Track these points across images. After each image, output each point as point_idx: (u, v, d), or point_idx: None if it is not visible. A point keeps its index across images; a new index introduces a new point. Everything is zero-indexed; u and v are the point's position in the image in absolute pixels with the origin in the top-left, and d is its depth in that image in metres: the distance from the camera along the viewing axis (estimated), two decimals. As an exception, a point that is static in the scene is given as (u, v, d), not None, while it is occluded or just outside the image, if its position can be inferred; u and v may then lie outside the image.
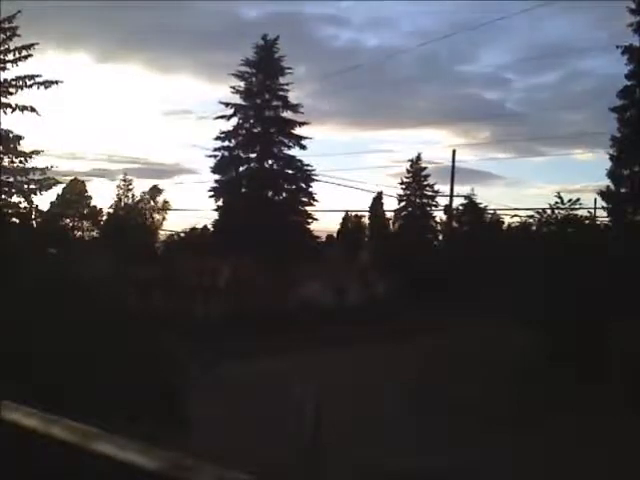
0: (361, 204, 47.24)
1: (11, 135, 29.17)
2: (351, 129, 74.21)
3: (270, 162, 36.89)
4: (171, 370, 9.55)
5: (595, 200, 31.81)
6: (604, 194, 30.09)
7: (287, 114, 37.14)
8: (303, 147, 36.90)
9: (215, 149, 36.91)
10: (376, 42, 75.32)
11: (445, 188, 54.22)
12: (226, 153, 36.86)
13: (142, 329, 9.92)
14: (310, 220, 37.95)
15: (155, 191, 47.41)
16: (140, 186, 48.59)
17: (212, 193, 37.05)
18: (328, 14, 77.42)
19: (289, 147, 37.06)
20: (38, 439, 1.68)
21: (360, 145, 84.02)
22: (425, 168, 45.31)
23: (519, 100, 70.12)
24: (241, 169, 37.18)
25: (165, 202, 48.02)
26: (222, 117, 36.93)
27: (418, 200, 45.25)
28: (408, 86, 66.31)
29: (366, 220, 50.43)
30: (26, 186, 30.09)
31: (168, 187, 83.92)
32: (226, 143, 36.90)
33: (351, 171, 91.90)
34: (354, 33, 72.24)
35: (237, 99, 37.03)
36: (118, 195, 47.33)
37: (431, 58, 66.20)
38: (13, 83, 28.33)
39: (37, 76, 28.54)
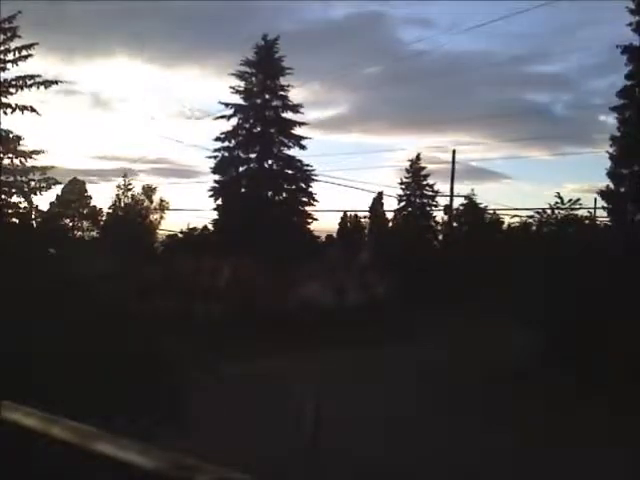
0: (368, 204, 48.03)
1: (11, 135, 29.19)
2: (390, 130, 74.63)
3: (270, 162, 36.90)
4: (171, 370, 9.54)
5: (595, 200, 31.86)
6: (604, 194, 30.10)
7: (287, 114, 37.18)
8: (303, 147, 36.92)
9: (215, 149, 36.95)
10: (449, 44, 75.61)
11: (464, 187, 54.44)
12: (226, 153, 36.86)
13: (142, 329, 9.92)
14: (310, 220, 37.97)
15: (149, 190, 47.49)
16: (164, 187, 48.95)
17: (212, 193, 37.09)
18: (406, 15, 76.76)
19: (289, 147, 37.08)
20: (38, 439, 1.68)
21: (391, 146, 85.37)
22: (424, 168, 45.29)
23: (568, 103, 68.09)
24: (241, 169, 37.19)
25: (162, 201, 48.13)
26: (222, 117, 36.96)
27: (418, 200, 45.24)
28: (459, 88, 66.15)
29: (366, 220, 50.51)
30: (26, 186, 30.09)
31: (187, 187, 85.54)
32: (226, 143, 36.91)
33: (375, 170, 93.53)
34: (432, 35, 72.22)
35: (237, 99, 37.08)
36: (117, 195, 47.46)
37: (492, 60, 64.90)
38: (13, 83, 28.35)
39: (37, 76, 28.58)
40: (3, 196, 29.11)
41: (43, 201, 47.36)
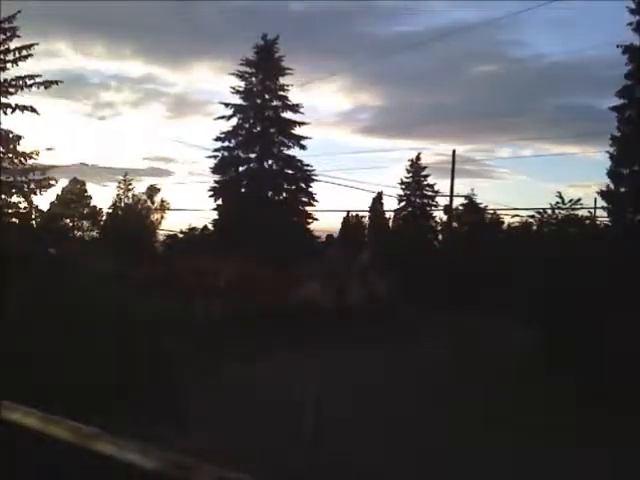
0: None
1: (11, 135, 29.20)
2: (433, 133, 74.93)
3: (270, 162, 36.90)
4: (171, 370, 9.54)
5: (595, 200, 31.84)
6: (604, 194, 30.09)
7: (287, 114, 37.20)
8: (303, 147, 36.94)
9: (215, 149, 36.96)
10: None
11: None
12: (226, 153, 36.87)
13: (142, 329, 9.92)
14: (310, 220, 37.97)
15: (152, 190, 47.50)
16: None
17: (212, 193, 37.10)
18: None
19: (289, 147, 37.09)
20: (38, 439, 1.68)
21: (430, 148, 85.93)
22: (425, 167, 45.24)
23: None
24: (241, 169, 37.19)
25: (163, 201, 48.14)
26: (222, 117, 36.98)
27: (418, 200, 45.19)
28: (526, 95, 65.94)
29: (366, 220, 50.52)
30: (26, 186, 30.11)
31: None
32: (226, 143, 36.92)
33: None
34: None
35: (237, 99, 37.09)
36: (118, 195, 47.46)
37: (569, 66, 63.68)
38: (13, 83, 28.36)
39: (37, 76, 28.61)
40: (3, 196, 29.12)
41: (43, 201, 47.35)
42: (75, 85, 71.05)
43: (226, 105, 36.81)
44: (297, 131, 37.11)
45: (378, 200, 47.63)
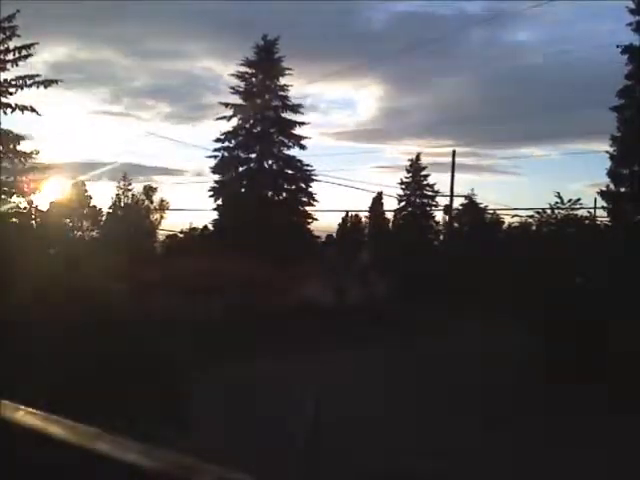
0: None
1: (11, 135, 29.17)
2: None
3: (270, 162, 36.90)
4: (171, 371, 9.54)
5: (595, 200, 31.84)
6: (604, 193, 30.09)
7: (287, 114, 37.17)
8: (303, 147, 36.93)
9: (215, 149, 36.96)
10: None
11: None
12: (226, 153, 36.87)
13: (142, 330, 9.92)
14: (310, 220, 37.96)
15: (150, 190, 47.41)
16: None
17: (212, 193, 37.09)
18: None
19: (289, 147, 37.07)
20: (38, 439, 1.68)
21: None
22: (425, 167, 45.22)
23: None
24: (241, 169, 37.19)
25: (162, 201, 48.07)
26: (222, 118, 36.97)
27: (418, 200, 45.18)
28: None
29: (366, 220, 50.54)
30: (25, 185, 30.08)
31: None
32: (226, 144, 36.92)
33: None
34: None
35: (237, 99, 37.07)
36: (118, 195, 47.45)
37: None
38: (13, 83, 28.34)
39: (37, 76, 28.57)
40: (3, 196, 29.10)
41: (43, 201, 47.33)
42: (188, 86, 69.25)
43: (226, 105, 36.81)
44: (297, 131, 37.13)
45: (378, 200, 47.63)
